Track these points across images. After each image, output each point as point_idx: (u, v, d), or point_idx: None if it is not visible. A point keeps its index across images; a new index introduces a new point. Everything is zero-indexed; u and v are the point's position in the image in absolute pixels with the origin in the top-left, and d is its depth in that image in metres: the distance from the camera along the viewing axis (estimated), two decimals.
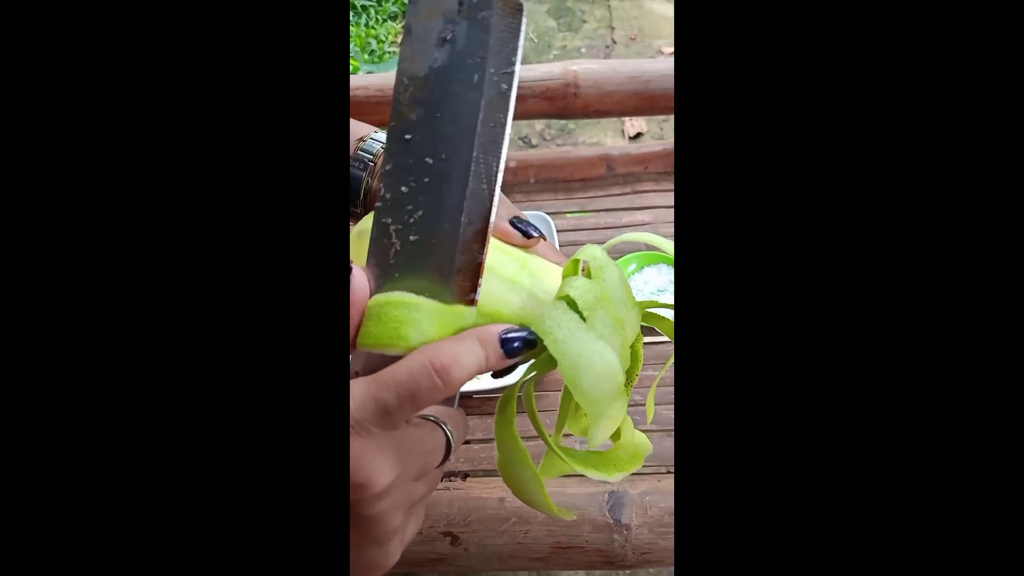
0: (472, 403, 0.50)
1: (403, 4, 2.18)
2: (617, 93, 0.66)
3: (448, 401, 0.25)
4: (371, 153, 0.30)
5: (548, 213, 0.66)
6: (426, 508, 0.44)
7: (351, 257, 0.25)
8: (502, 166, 0.23)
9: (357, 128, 0.32)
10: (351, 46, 1.88)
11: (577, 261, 0.24)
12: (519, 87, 0.75)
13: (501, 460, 0.27)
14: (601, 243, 0.26)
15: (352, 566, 0.22)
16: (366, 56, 1.90)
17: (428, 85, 0.22)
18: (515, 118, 0.76)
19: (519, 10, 0.23)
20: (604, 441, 0.24)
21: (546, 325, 0.22)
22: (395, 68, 0.23)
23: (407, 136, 0.23)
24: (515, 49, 0.23)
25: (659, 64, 0.65)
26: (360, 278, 0.22)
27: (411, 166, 0.23)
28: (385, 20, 2.09)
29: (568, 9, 2.21)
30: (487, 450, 0.48)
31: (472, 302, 0.23)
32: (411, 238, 0.23)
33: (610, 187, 0.71)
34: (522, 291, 0.24)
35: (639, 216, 0.67)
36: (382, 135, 0.31)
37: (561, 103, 0.67)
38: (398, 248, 0.23)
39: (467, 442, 0.49)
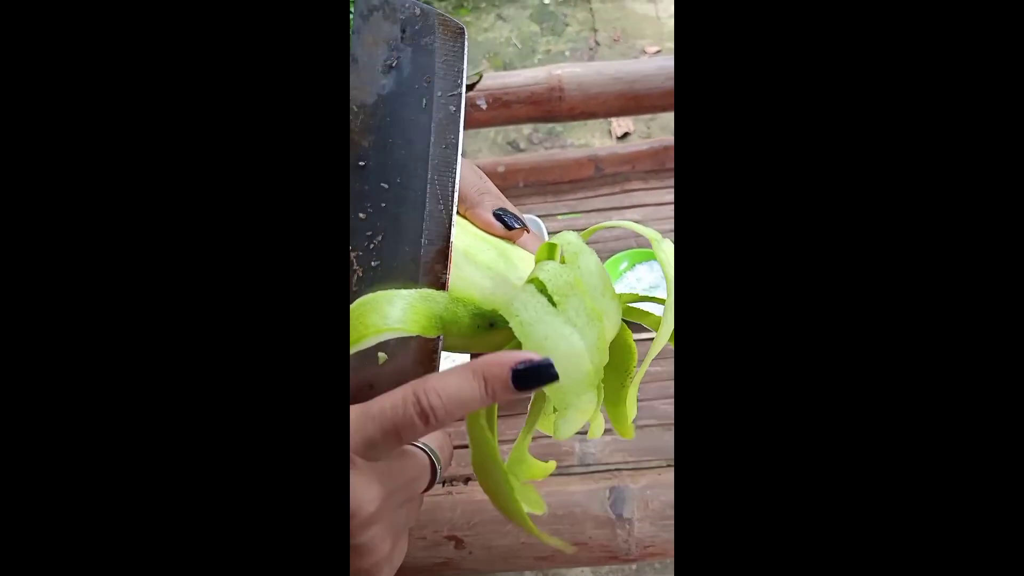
0: None
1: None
2: (602, 95, 0.66)
3: None
4: None
5: (539, 216, 0.67)
6: (429, 514, 0.44)
7: None
8: (457, 186, 0.23)
9: None
10: None
11: (553, 246, 0.23)
12: (505, 92, 0.75)
13: (474, 457, 0.25)
14: (591, 244, 0.25)
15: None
16: None
17: (377, 112, 0.23)
18: (502, 123, 0.76)
19: (461, 33, 0.23)
20: (571, 435, 0.23)
21: (512, 307, 0.21)
22: None
23: (360, 163, 0.23)
24: (460, 71, 0.23)
25: (642, 64, 0.66)
26: None
27: (366, 192, 0.23)
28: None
29: (550, 13, 2.22)
30: None
31: None
32: (372, 263, 0.23)
33: (599, 188, 0.71)
34: (496, 276, 0.24)
35: (629, 215, 0.68)
36: None
37: (547, 107, 0.68)
38: (360, 275, 0.23)
39: (466, 447, 0.49)
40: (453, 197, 0.23)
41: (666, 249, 0.24)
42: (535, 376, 0.20)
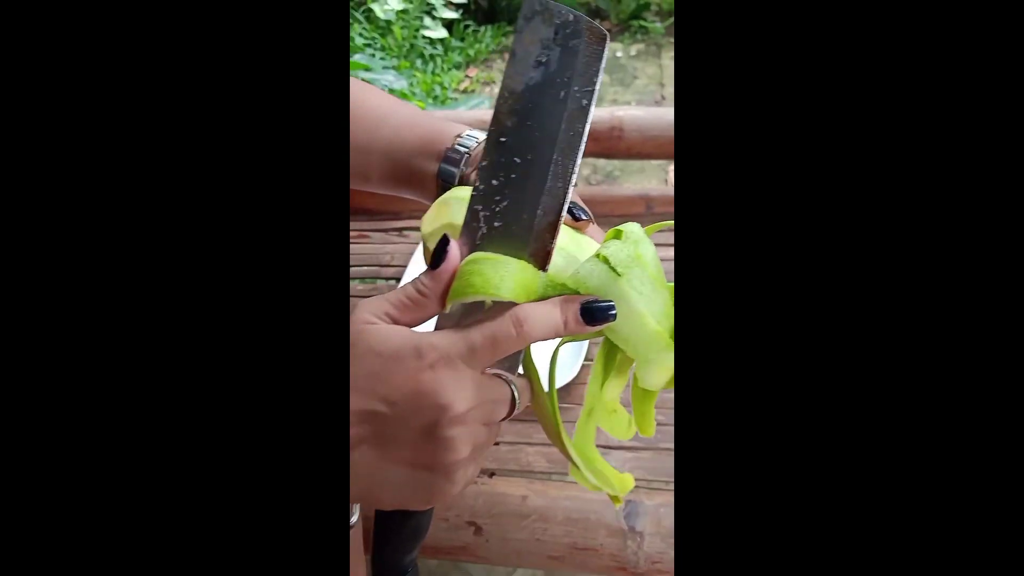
0: None
1: (467, 55, 2.33)
2: (660, 138, 0.70)
3: (512, 367, 0.29)
4: (466, 148, 0.35)
5: None
6: (453, 499, 0.47)
7: (432, 219, 0.31)
8: (577, 168, 0.28)
9: (451, 126, 0.37)
10: (418, 90, 2.02)
11: (619, 231, 0.28)
12: None
13: (533, 394, 0.29)
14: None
15: (421, 490, 0.25)
16: (431, 99, 2.03)
17: (523, 98, 0.27)
18: None
19: (603, 39, 0.28)
20: (653, 386, 0.27)
21: (580, 276, 0.26)
22: (455, 109, 0.28)
23: (502, 139, 0.27)
24: (597, 71, 0.27)
25: None
26: (455, 248, 0.27)
27: (502, 164, 0.27)
28: (450, 69, 2.24)
29: (621, 66, 2.31)
30: (513, 452, 0.51)
31: None
32: (495, 224, 0.27)
33: (647, 224, 0.75)
34: (567, 256, 0.28)
35: (671, 252, 0.70)
36: (476, 133, 0.36)
37: (606, 143, 0.72)
38: (484, 232, 0.27)
39: (496, 443, 0.52)
40: (572, 177, 0.27)
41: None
42: (599, 313, 0.26)
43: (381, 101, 0.39)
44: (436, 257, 0.26)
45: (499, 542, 0.45)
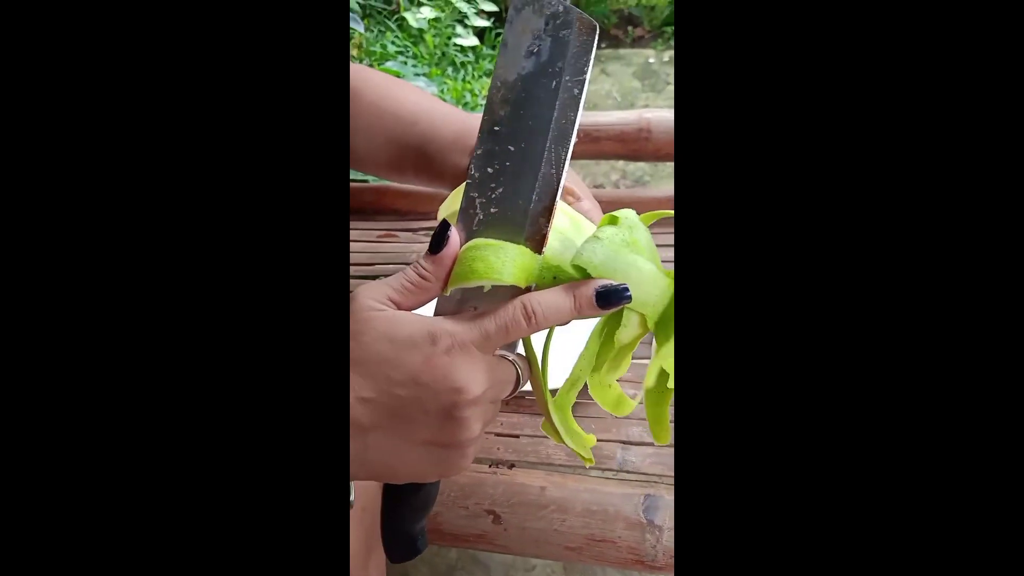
0: (524, 402, 0.55)
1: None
2: None
3: (513, 346, 0.30)
4: None
5: None
6: (473, 487, 0.48)
7: (446, 208, 0.32)
8: (569, 155, 0.28)
9: (472, 124, 0.38)
10: (448, 97, 2.05)
11: (615, 217, 0.28)
12: (596, 129, 0.81)
13: (531, 374, 0.30)
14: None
15: (436, 465, 0.27)
16: (461, 106, 2.07)
17: (516, 88, 0.28)
18: (590, 157, 0.82)
19: (593, 29, 0.28)
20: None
21: (583, 257, 0.26)
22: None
23: (495, 128, 0.28)
24: (587, 61, 0.28)
25: None
26: (455, 233, 0.28)
27: (496, 152, 0.28)
28: (480, 76, 2.27)
29: (653, 72, 2.30)
30: (533, 444, 0.52)
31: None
32: (491, 210, 0.28)
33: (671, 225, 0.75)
34: (564, 240, 0.29)
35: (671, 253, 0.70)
36: None
37: (634, 145, 0.73)
38: (480, 218, 0.28)
39: (516, 436, 0.53)
40: (564, 164, 0.28)
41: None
42: (614, 296, 0.26)
43: (418, 98, 0.41)
44: (437, 241, 0.27)
45: (517, 531, 0.46)
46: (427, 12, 2.12)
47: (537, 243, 0.28)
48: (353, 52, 1.82)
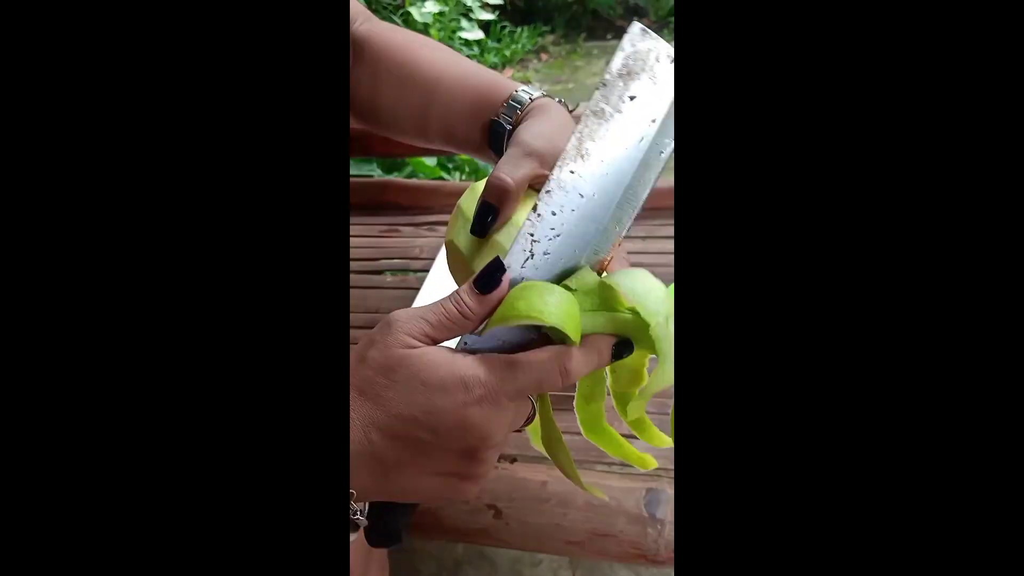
0: None
1: (504, 56, 2.34)
2: None
3: None
4: (520, 103, 0.35)
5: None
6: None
7: (463, 206, 0.32)
8: (634, 217, 0.27)
9: (503, 85, 0.37)
10: None
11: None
12: None
13: (543, 431, 0.31)
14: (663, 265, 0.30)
15: (449, 491, 0.27)
16: None
17: (604, 135, 0.26)
18: None
19: None
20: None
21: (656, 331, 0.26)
22: None
23: (571, 171, 0.26)
24: None
25: None
26: (507, 280, 0.27)
27: (567, 196, 0.26)
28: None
29: None
30: None
31: None
32: (544, 253, 0.27)
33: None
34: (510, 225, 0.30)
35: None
36: (530, 89, 0.36)
37: None
38: (531, 258, 0.27)
39: (518, 430, 0.53)
40: (628, 224, 0.27)
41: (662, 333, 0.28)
42: (626, 347, 0.28)
43: (434, 58, 0.39)
44: (487, 281, 0.26)
45: (519, 526, 0.46)
46: (431, 6, 2.12)
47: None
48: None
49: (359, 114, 0.42)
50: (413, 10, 2.12)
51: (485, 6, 2.24)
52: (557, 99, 0.36)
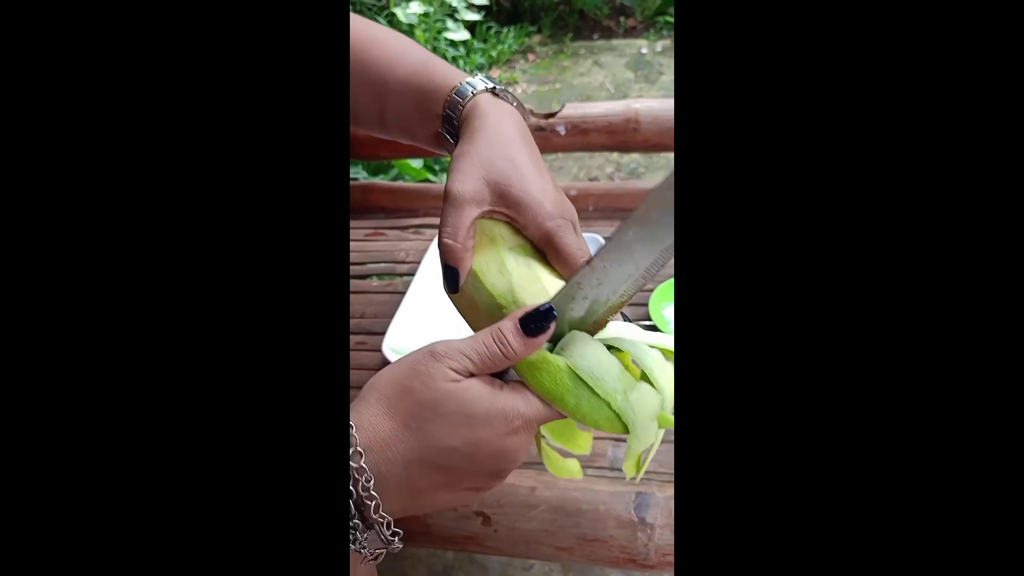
0: None
1: (490, 56, 2.34)
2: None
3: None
4: (463, 97, 0.35)
5: (604, 237, 0.70)
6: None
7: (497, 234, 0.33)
8: (656, 273, 0.31)
9: (452, 76, 0.37)
10: None
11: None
12: (584, 120, 0.81)
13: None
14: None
15: (462, 500, 0.30)
16: None
17: (663, 205, 0.29)
18: (579, 149, 0.81)
19: None
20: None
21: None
22: None
23: (631, 232, 0.29)
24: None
25: None
26: (553, 327, 0.29)
27: (619, 253, 0.30)
28: (472, 70, 2.25)
29: (646, 62, 2.29)
30: None
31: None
32: (584, 298, 0.31)
33: None
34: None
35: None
36: (475, 81, 0.36)
37: (622, 137, 0.72)
38: (574, 304, 0.31)
39: None
40: (650, 277, 0.31)
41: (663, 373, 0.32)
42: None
43: (381, 57, 0.39)
44: (536, 326, 0.28)
45: (508, 532, 0.45)
46: (416, 7, 2.11)
47: (598, 327, 0.32)
48: None
49: None
50: (398, 11, 2.11)
51: (471, 7, 2.23)
52: (502, 90, 0.36)
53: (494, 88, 0.36)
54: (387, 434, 0.26)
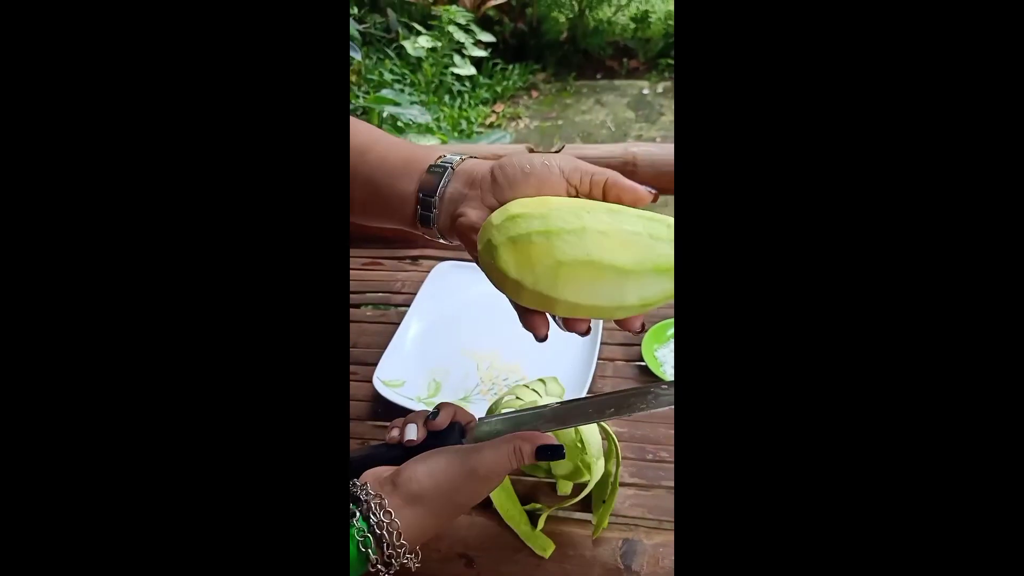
0: None
1: (495, 92, 2.39)
2: (672, 173, 0.71)
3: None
4: (448, 163, 0.35)
5: None
6: (446, 531, 0.46)
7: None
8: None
9: (434, 149, 0.38)
10: (444, 124, 2.08)
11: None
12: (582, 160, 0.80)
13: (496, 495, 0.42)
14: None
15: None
16: (456, 133, 2.08)
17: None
18: None
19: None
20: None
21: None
22: (476, 143, 0.29)
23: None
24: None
25: None
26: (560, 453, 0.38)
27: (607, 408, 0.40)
28: (477, 104, 2.30)
29: (647, 103, 2.34)
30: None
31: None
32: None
33: None
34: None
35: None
36: (456, 156, 0.37)
37: None
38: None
39: None
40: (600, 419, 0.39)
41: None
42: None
43: (369, 131, 0.40)
44: (549, 456, 0.37)
45: (491, 575, 0.44)
46: (425, 41, 2.16)
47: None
48: (351, 79, 1.85)
49: None
50: (407, 44, 2.16)
51: (478, 43, 2.29)
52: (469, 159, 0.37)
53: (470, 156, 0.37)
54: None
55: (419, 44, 2.16)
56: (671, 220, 0.32)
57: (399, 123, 1.72)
